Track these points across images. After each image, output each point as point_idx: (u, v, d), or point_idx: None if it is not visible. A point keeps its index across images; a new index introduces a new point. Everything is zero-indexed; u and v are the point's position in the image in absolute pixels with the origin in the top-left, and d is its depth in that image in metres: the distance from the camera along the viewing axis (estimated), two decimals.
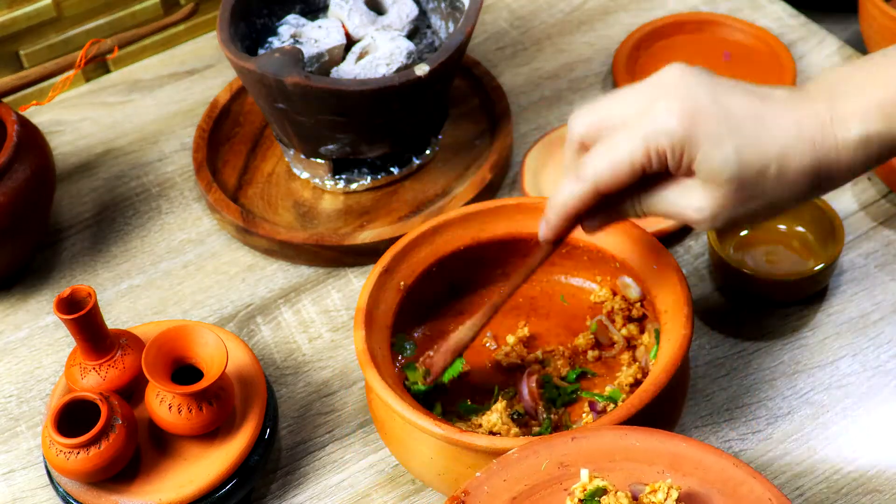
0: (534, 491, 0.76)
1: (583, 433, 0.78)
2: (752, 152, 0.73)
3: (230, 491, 0.86)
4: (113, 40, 1.08)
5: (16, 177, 1.00)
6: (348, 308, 1.05)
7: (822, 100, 0.75)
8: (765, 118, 0.74)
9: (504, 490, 0.77)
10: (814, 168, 0.74)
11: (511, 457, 0.78)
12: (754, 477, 0.75)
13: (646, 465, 0.77)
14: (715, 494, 0.75)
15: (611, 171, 0.76)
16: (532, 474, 0.77)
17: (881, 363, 0.96)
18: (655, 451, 0.78)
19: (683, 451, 0.77)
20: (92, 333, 0.86)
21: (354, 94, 0.98)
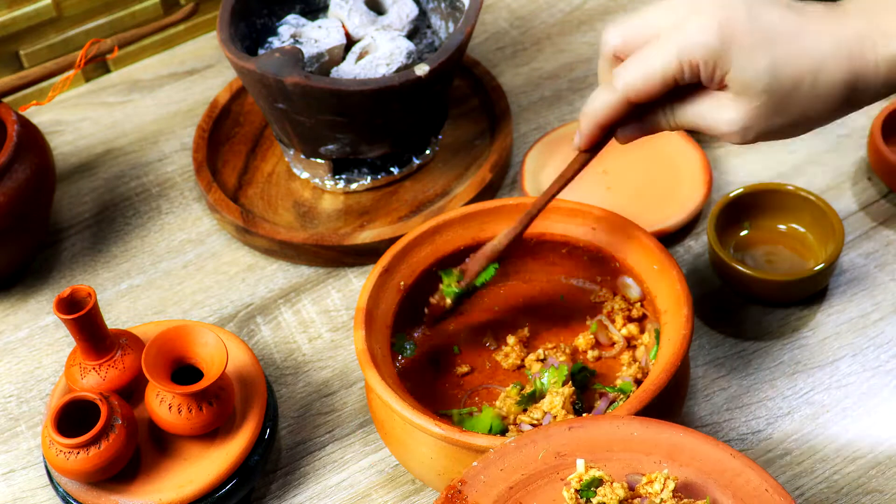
0: (531, 480, 0.77)
1: (580, 423, 0.78)
2: (786, 65, 0.73)
3: (230, 491, 0.86)
4: (113, 40, 1.08)
5: (16, 177, 1.00)
6: (348, 308, 1.05)
7: (861, 15, 0.75)
8: (800, 32, 0.74)
9: (501, 480, 0.77)
10: (848, 82, 0.75)
11: (508, 446, 0.78)
12: (751, 468, 0.75)
13: (643, 455, 0.77)
14: (712, 485, 0.76)
15: (643, 82, 0.76)
16: (529, 464, 0.77)
17: (881, 363, 0.96)
18: (653, 442, 0.78)
19: (681, 442, 0.77)
20: (92, 333, 0.86)
21: (354, 94, 0.98)
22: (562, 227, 0.97)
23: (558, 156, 1.13)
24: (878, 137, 1.07)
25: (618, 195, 1.09)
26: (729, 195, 1.04)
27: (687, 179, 1.09)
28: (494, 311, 0.99)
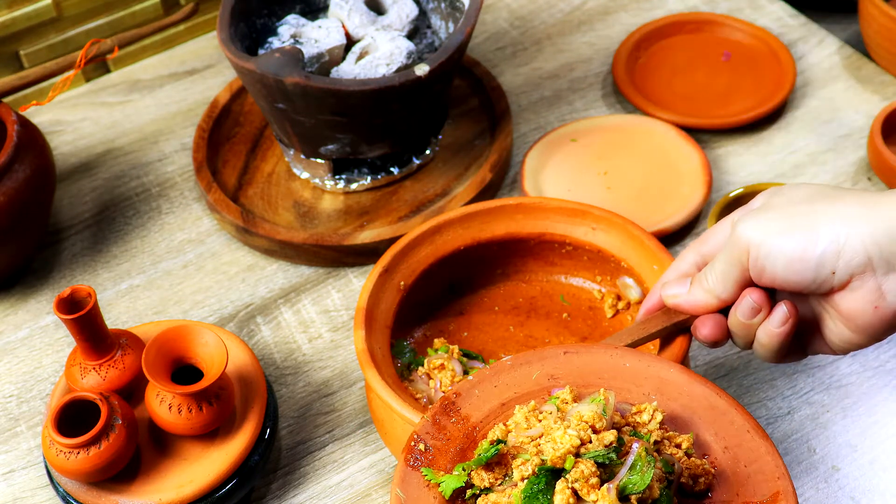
0: (523, 399, 0.78)
1: (575, 349, 0.80)
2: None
3: (230, 491, 0.86)
4: (113, 40, 1.08)
5: (16, 177, 1.00)
6: (348, 308, 1.05)
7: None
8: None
9: (494, 395, 0.79)
10: None
11: (504, 364, 0.80)
12: (736, 408, 0.77)
13: (633, 386, 0.79)
14: (697, 420, 0.77)
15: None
16: (522, 383, 0.79)
17: (881, 363, 0.96)
18: (644, 374, 0.80)
19: (671, 377, 0.79)
20: (92, 333, 0.86)
21: (354, 94, 0.98)
22: (562, 227, 0.97)
23: (558, 156, 1.13)
24: (877, 137, 1.07)
25: (618, 195, 1.09)
26: (729, 195, 1.04)
27: (687, 179, 1.10)
28: (495, 311, 0.99)
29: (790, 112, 1.19)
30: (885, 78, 1.21)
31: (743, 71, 1.23)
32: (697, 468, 0.75)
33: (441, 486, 0.74)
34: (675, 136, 1.13)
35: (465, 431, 0.77)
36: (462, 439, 0.77)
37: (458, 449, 0.76)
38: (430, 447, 0.76)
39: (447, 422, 0.78)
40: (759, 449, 0.76)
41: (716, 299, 0.80)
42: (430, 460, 0.76)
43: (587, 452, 0.71)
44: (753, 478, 0.75)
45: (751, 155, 1.15)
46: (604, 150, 1.14)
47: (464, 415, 0.78)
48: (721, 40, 1.26)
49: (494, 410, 0.78)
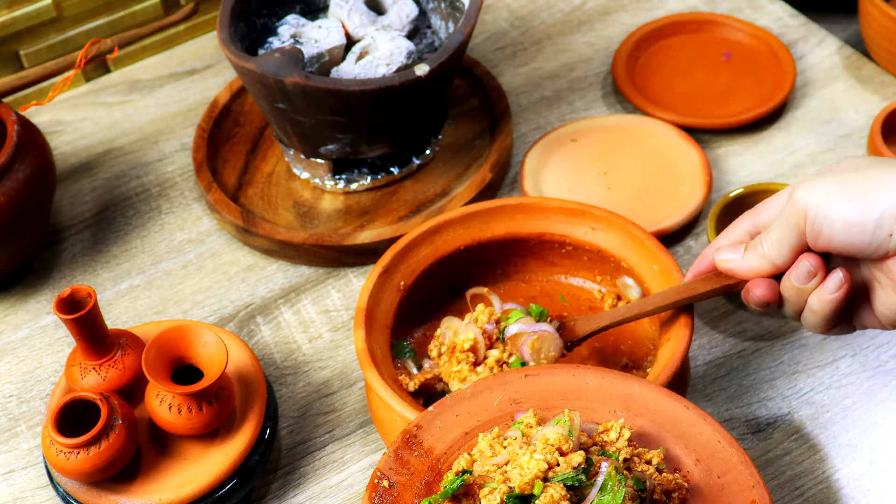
0: (486, 426, 0.77)
1: (536, 371, 0.80)
2: None
3: (230, 491, 0.86)
4: (113, 40, 1.08)
5: (16, 177, 1.00)
6: (348, 308, 1.05)
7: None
8: None
9: (457, 425, 0.78)
10: None
11: (465, 392, 0.79)
12: (704, 419, 0.77)
13: (598, 405, 0.78)
14: (666, 434, 0.77)
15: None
16: (485, 410, 0.78)
17: (881, 363, 0.96)
18: (608, 391, 0.79)
19: (636, 392, 0.79)
20: (92, 333, 0.86)
21: (354, 94, 0.98)
22: (562, 227, 0.97)
23: (558, 156, 1.13)
24: (877, 137, 1.07)
25: (618, 195, 1.09)
26: (729, 195, 1.04)
27: (687, 179, 1.10)
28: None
29: (790, 112, 1.19)
30: (885, 78, 1.21)
31: (743, 71, 1.23)
32: (670, 483, 0.74)
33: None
34: (675, 136, 1.13)
35: (429, 464, 0.76)
36: (426, 473, 0.76)
37: (424, 483, 0.75)
38: (394, 483, 0.75)
39: (410, 456, 0.77)
40: (732, 459, 0.75)
41: (770, 264, 0.80)
42: (395, 497, 0.75)
43: (555, 476, 0.70)
44: (728, 489, 0.75)
45: (751, 155, 1.15)
46: (604, 150, 1.14)
47: (426, 447, 0.77)
48: (721, 40, 1.26)
49: (458, 440, 0.77)
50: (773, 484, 0.89)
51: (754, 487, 0.74)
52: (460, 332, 0.90)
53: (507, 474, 0.72)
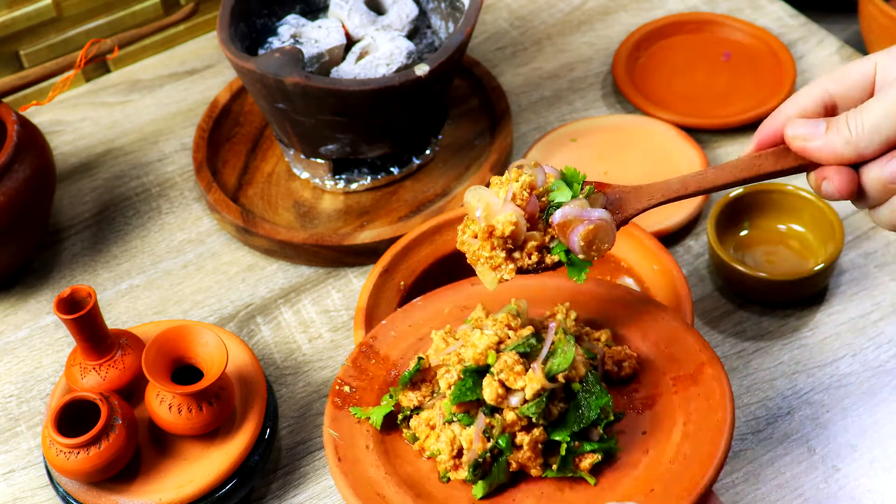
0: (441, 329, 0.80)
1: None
2: None
3: (230, 491, 0.86)
4: (113, 40, 1.08)
5: (16, 177, 1.00)
6: (348, 308, 1.05)
7: None
8: None
9: (410, 333, 0.82)
10: None
11: (416, 304, 0.83)
12: (648, 301, 0.81)
13: (546, 301, 0.82)
14: (612, 319, 0.81)
15: None
16: (435, 317, 0.82)
17: (881, 363, 0.96)
18: (554, 288, 0.83)
19: (584, 288, 0.82)
20: (92, 333, 0.86)
21: (354, 94, 0.98)
22: None
23: (558, 156, 1.13)
24: None
25: None
26: (729, 195, 1.04)
27: None
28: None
29: None
30: None
31: (743, 71, 1.23)
32: (619, 353, 0.77)
33: (371, 419, 0.77)
34: (675, 136, 1.13)
35: (386, 369, 0.80)
36: (385, 376, 0.80)
37: (381, 386, 0.79)
38: (354, 388, 0.79)
39: (367, 364, 0.81)
40: (678, 330, 0.78)
41: (855, 153, 0.70)
42: (357, 400, 0.79)
43: (507, 346, 0.73)
44: (677, 356, 0.78)
45: None
46: (604, 150, 1.14)
47: (383, 355, 0.81)
48: (721, 40, 1.26)
49: (412, 346, 0.81)
50: (773, 484, 0.89)
51: (701, 350, 0.77)
52: (496, 211, 0.74)
53: (460, 355, 0.75)
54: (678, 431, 0.74)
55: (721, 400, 0.74)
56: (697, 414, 0.74)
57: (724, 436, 0.72)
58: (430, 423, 0.75)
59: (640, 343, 0.79)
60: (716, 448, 0.71)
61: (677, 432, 0.74)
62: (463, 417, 0.73)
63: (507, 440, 0.72)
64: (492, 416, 0.72)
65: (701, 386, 0.75)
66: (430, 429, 0.75)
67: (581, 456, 0.73)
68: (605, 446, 0.73)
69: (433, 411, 0.75)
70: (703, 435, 0.73)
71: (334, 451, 0.76)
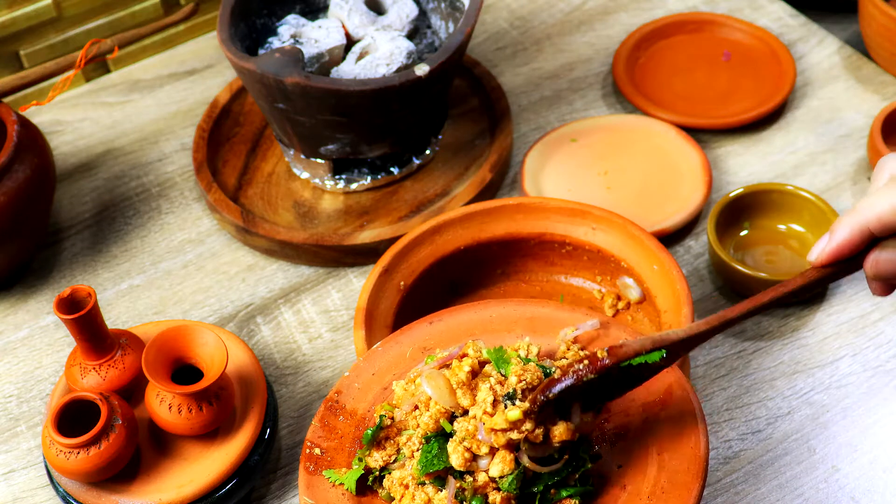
0: (401, 378, 0.79)
1: (438, 317, 0.82)
2: None
3: (230, 491, 0.86)
4: (113, 40, 1.08)
5: (16, 177, 1.00)
6: (348, 308, 1.05)
7: None
8: None
9: (374, 382, 0.80)
10: None
11: (376, 351, 0.82)
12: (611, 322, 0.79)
13: (505, 333, 0.80)
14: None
15: None
16: (398, 363, 0.81)
17: (881, 363, 0.96)
18: (512, 318, 0.81)
19: (539, 313, 0.80)
20: (92, 333, 0.86)
21: (354, 94, 0.98)
22: (562, 227, 0.97)
23: (558, 156, 1.13)
24: (877, 137, 1.07)
25: (618, 195, 1.09)
26: (729, 195, 1.04)
27: (687, 179, 1.10)
28: None
29: (790, 112, 1.19)
30: (885, 78, 1.21)
31: (743, 71, 1.23)
32: None
33: (345, 483, 0.75)
34: (675, 136, 1.13)
35: (355, 425, 0.79)
36: (354, 433, 0.78)
37: (352, 445, 0.78)
38: (324, 450, 0.77)
39: (335, 421, 0.79)
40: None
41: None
42: (329, 461, 0.77)
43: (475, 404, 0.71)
44: None
45: (751, 155, 1.15)
46: (604, 150, 1.14)
47: (350, 410, 0.79)
48: (721, 40, 1.26)
49: (377, 396, 0.79)
50: (773, 484, 0.89)
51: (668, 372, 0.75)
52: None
53: (416, 419, 0.74)
54: (653, 463, 0.72)
55: (692, 424, 0.73)
56: (670, 441, 0.73)
57: (701, 464, 0.71)
58: (403, 483, 0.74)
59: None
60: (693, 479, 0.71)
61: (652, 464, 0.72)
62: (434, 481, 0.72)
63: (480, 501, 0.71)
64: (462, 478, 0.71)
65: (671, 409, 0.74)
66: (405, 488, 0.74)
67: (558, 503, 0.72)
68: (581, 490, 0.72)
69: (405, 470, 0.74)
70: (678, 464, 0.72)
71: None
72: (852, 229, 0.70)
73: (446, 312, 0.82)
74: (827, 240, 0.71)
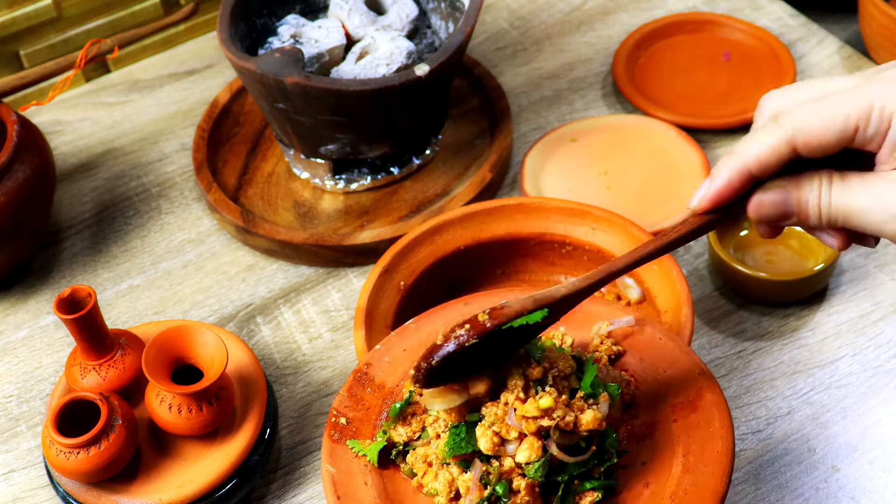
0: None
1: (474, 298, 0.82)
2: None
3: (230, 491, 0.86)
4: (113, 40, 1.08)
5: (16, 177, 1.00)
6: (348, 308, 1.05)
7: None
8: None
9: (404, 358, 0.80)
10: None
11: (409, 327, 0.81)
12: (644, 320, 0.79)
13: None
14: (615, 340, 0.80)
15: (818, 123, 0.63)
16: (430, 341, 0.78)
17: (881, 363, 0.96)
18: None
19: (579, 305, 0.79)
20: (92, 333, 0.86)
21: (354, 94, 0.98)
22: (562, 227, 0.97)
23: (558, 156, 1.13)
24: None
25: (618, 195, 1.09)
26: None
27: (687, 179, 1.10)
28: None
29: None
30: None
31: (743, 71, 1.23)
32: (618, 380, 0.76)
33: (367, 455, 0.75)
34: (675, 136, 1.13)
35: (382, 398, 0.78)
36: (381, 406, 0.78)
37: (378, 416, 0.77)
38: (350, 420, 0.77)
39: (363, 392, 0.78)
40: (675, 352, 0.77)
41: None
42: (354, 432, 0.77)
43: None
44: (675, 379, 0.76)
45: None
46: (604, 150, 1.14)
47: (378, 383, 0.79)
48: (721, 40, 1.26)
49: (407, 373, 0.79)
50: (773, 484, 0.89)
51: (700, 375, 0.76)
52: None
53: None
54: (678, 464, 0.72)
55: (721, 429, 0.73)
56: (697, 444, 0.73)
57: (726, 469, 0.71)
58: (426, 460, 0.74)
59: (636, 366, 0.78)
60: (717, 482, 0.70)
61: (678, 464, 0.72)
62: (459, 462, 0.72)
63: (505, 487, 0.71)
64: (488, 462, 0.71)
65: (700, 414, 0.74)
66: (428, 465, 0.73)
67: (581, 494, 0.72)
68: (605, 483, 0.72)
69: (429, 448, 0.74)
70: (703, 468, 0.71)
71: (333, 488, 0.74)
72: (731, 172, 0.66)
73: (482, 295, 0.81)
74: (707, 185, 0.68)
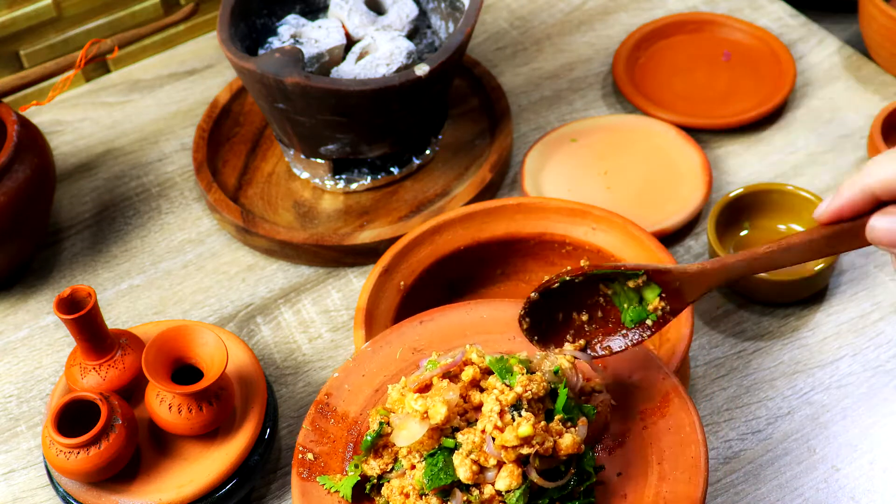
0: (394, 379, 0.78)
1: (429, 316, 0.81)
2: None
3: (230, 491, 0.86)
4: (113, 40, 1.08)
5: (16, 177, 1.00)
6: (348, 308, 1.05)
7: None
8: None
9: (365, 384, 0.79)
10: None
11: (366, 352, 0.80)
12: None
13: (497, 335, 0.79)
14: None
15: None
16: (389, 364, 0.79)
17: (881, 363, 0.96)
18: (503, 321, 0.79)
19: None
20: (92, 333, 0.86)
21: (354, 94, 0.98)
22: (562, 227, 0.97)
23: (558, 156, 1.13)
24: (877, 137, 1.07)
25: (618, 195, 1.09)
26: (729, 195, 1.04)
27: (687, 179, 1.10)
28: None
29: (790, 112, 1.19)
30: (885, 78, 1.21)
31: (743, 71, 1.23)
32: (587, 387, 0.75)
33: (341, 491, 0.73)
34: (675, 136, 1.13)
35: (347, 429, 0.77)
36: (347, 437, 0.77)
37: (345, 448, 0.76)
38: (317, 455, 0.76)
39: (327, 424, 0.77)
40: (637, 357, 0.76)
41: None
42: (323, 467, 0.75)
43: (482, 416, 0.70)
44: (642, 385, 0.76)
45: (751, 155, 1.15)
46: (604, 150, 1.14)
47: (341, 413, 0.77)
48: (721, 40, 1.26)
49: (369, 399, 0.78)
50: (773, 484, 0.89)
51: (664, 379, 0.75)
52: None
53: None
54: (654, 472, 0.72)
55: (692, 433, 0.73)
56: (670, 450, 0.73)
57: (702, 473, 0.71)
58: (403, 491, 0.72)
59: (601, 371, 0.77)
60: (694, 489, 0.70)
61: (653, 473, 0.72)
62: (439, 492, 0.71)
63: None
64: (468, 490, 0.70)
65: (670, 419, 0.74)
66: (405, 497, 0.72)
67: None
68: (585, 502, 0.71)
69: (405, 479, 0.72)
70: (679, 474, 0.71)
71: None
72: (854, 190, 0.67)
73: (437, 311, 0.81)
74: (831, 199, 0.69)
